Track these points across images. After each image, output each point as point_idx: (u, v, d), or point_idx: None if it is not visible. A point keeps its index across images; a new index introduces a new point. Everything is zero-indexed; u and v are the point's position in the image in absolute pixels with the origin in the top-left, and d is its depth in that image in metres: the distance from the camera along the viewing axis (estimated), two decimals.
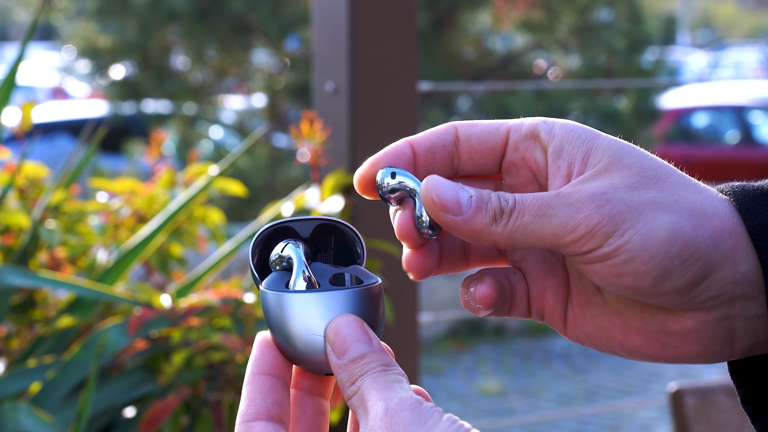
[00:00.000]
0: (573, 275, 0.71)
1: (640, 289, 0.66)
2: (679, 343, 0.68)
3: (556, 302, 0.71)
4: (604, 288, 0.68)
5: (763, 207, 0.66)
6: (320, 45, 2.05)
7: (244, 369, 1.79)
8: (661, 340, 0.69)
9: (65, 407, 1.76)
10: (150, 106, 9.39)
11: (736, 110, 11.44)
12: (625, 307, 0.69)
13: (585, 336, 0.71)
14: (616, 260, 0.65)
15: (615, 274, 0.65)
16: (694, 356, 0.69)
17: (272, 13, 8.58)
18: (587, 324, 0.70)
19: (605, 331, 0.70)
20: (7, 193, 1.95)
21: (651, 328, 0.69)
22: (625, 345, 0.69)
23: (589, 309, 0.70)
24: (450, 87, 5.56)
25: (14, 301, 1.90)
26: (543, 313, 0.72)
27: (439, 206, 0.66)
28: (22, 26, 20.13)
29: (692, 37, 31.93)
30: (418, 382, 2.09)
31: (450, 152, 0.70)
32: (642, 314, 0.69)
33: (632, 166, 0.67)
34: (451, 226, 0.66)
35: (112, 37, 9.14)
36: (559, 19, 9.27)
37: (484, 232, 0.66)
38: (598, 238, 0.65)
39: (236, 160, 2.01)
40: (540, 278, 0.71)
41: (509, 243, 0.66)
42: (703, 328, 0.68)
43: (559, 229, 0.65)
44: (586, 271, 0.67)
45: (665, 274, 0.65)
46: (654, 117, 9.80)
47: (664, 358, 0.69)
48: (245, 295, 1.82)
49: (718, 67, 23.89)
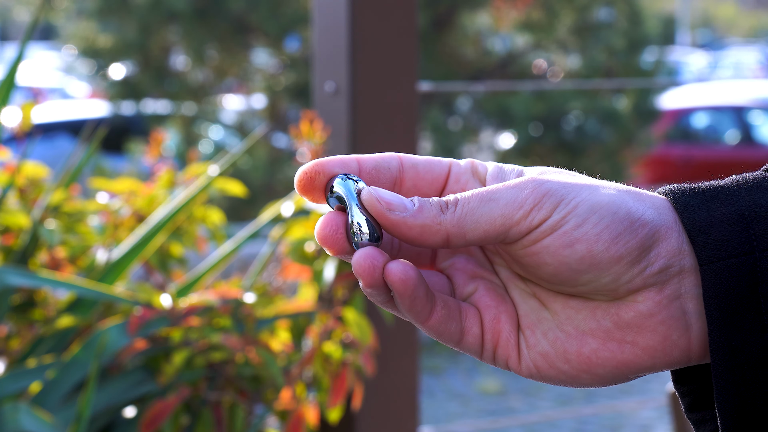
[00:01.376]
0: (517, 298, 0.72)
1: (594, 256, 0.66)
2: (635, 336, 0.68)
3: (511, 327, 0.71)
4: (556, 273, 0.68)
5: (701, 204, 0.68)
6: (320, 45, 2.05)
7: (244, 369, 1.79)
8: (617, 337, 0.69)
9: (65, 407, 1.76)
10: (150, 106, 9.39)
11: (736, 110, 11.44)
12: (576, 311, 0.69)
13: (539, 357, 0.70)
14: (566, 227, 0.67)
15: (567, 243, 0.67)
16: (652, 351, 0.68)
17: (272, 13, 8.58)
18: (540, 343, 0.70)
19: (560, 344, 0.70)
20: (7, 193, 1.95)
21: (604, 325, 0.69)
22: (582, 352, 0.69)
23: (540, 326, 0.71)
24: (450, 87, 5.56)
25: (14, 301, 1.90)
26: (497, 343, 0.71)
27: (385, 205, 0.67)
28: (22, 26, 20.14)
29: (692, 37, 31.92)
30: (417, 381, 2.09)
31: (394, 176, 0.71)
32: (594, 314, 0.69)
33: (569, 173, 0.71)
34: (399, 223, 0.67)
35: (112, 36, 9.14)
36: (559, 19, 9.27)
37: (434, 223, 0.67)
38: (546, 208, 0.67)
39: (236, 160, 2.01)
40: (493, 304, 0.72)
41: (460, 231, 0.67)
42: (657, 309, 0.68)
43: (507, 207, 0.67)
44: (536, 253, 0.67)
45: (616, 236, 0.66)
46: (654, 117, 9.79)
47: (622, 363, 0.69)
48: (245, 295, 1.82)
49: (717, 67, 23.89)
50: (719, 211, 0.67)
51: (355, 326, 1.78)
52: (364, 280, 0.68)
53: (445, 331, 0.70)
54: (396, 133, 2.03)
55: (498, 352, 0.71)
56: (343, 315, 1.81)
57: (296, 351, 1.87)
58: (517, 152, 9.30)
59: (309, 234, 1.91)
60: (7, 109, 1.97)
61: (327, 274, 1.87)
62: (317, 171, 0.69)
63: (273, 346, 1.83)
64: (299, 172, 0.70)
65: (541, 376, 0.71)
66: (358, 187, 0.69)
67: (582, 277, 0.68)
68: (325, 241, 0.69)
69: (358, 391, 1.86)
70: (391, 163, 0.71)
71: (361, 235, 0.68)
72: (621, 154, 9.20)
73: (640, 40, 9.49)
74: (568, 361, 0.70)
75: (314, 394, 1.85)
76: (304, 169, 0.70)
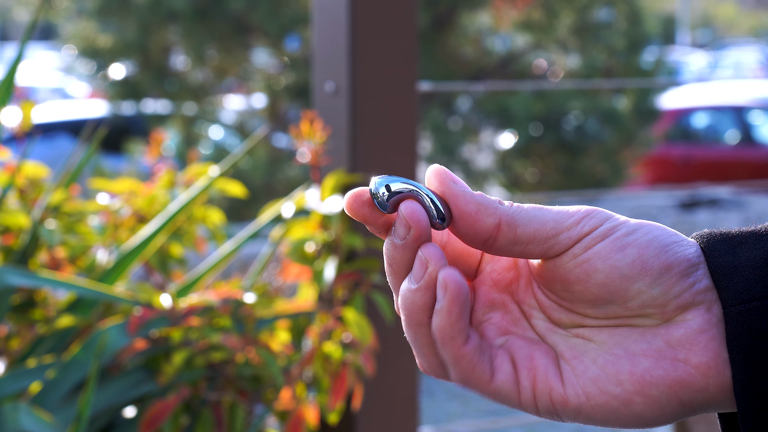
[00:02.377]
0: (558, 341, 0.71)
1: (645, 261, 0.67)
2: (687, 353, 0.68)
3: (548, 360, 0.70)
4: (606, 281, 0.68)
5: (727, 249, 0.68)
6: (320, 45, 2.05)
7: (244, 369, 1.79)
8: (669, 356, 0.68)
9: (65, 407, 1.76)
10: (150, 106, 9.39)
11: (736, 110, 11.43)
12: (623, 336, 0.69)
13: (590, 382, 0.69)
14: (618, 233, 0.68)
15: (619, 247, 0.68)
16: (705, 368, 0.67)
17: (272, 13, 8.57)
18: (589, 369, 0.69)
19: (611, 366, 0.69)
20: (7, 193, 1.95)
21: (656, 345, 0.69)
22: (634, 371, 0.68)
23: (588, 354, 0.70)
24: (450, 87, 5.56)
25: (14, 301, 1.90)
26: (535, 378, 0.70)
27: (453, 179, 0.69)
28: (22, 26, 20.13)
29: (692, 37, 31.91)
30: (417, 381, 2.09)
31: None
32: (643, 336, 0.69)
33: None
34: (460, 195, 0.69)
35: (112, 36, 9.13)
36: (559, 19, 9.27)
37: (491, 206, 0.69)
38: (596, 218, 0.69)
39: (237, 161, 2.01)
40: (525, 345, 0.71)
41: (512, 221, 0.69)
42: (708, 326, 0.68)
43: (559, 215, 0.69)
44: (587, 260, 0.68)
45: (666, 246, 0.68)
46: (654, 117, 9.79)
47: (676, 382, 0.68)
48: (245, 295, 1.82)
49: (717, 67, 23.89)
50: (745, 255, 0.68)
51: (355, 326, 1.78)
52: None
53: (477, 365, 0.68)
54: (396, 133, 2.03)
55: (538, 387, 0.70)
56: (343, 315, 1.81)
57: (296, 351, 1.87)
58: (517, 152, 9.30)
59: (309, 234, 1.91)
60: (7, 109, 1.97)
61: (327, 274, 1.87)
62: (361, 191, 0.70)
63: (273, 346, 1.83)
64: (351, 193, 0.71)
65: (591, 405, 0.69)
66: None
67: (633, 285, 0.68)
68: (419, 228, 0.69)
69: (358, 391, 1.86)
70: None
71: (434, 210, 0.69)
72: (621, 154, 9.20)
73: (640, 40, 9.48)
74: (621, 383, 0.68)
75: (314, 394, 1.85)
76: (356, 191, 0.71)
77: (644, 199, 8.56)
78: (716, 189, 8.32)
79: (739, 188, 8.66)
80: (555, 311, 0.71)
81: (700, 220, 7.66)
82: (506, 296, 0.73)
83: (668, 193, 8.47)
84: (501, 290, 0.73)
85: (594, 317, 0.70)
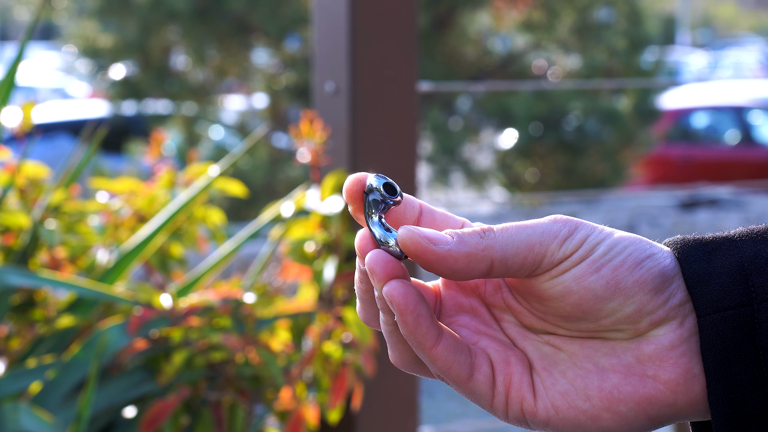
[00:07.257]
0: (529, 348, 0.71)
1: (619, 281, 0.67)
2: (656, 369, 0.67)
3: (522, 369, 0.70)
4: (580, 302, 0.68)
5: (702, 256, 0.68)
6: (320, 45, 2.05)
7: (244, 369, 1.79)
8: (639, 372, 0.68)
9: (65, 407, 1.76)
10: (150, 106, 9.39)
11: (736, 110, 11.43)
12: (594, 350, 0.69)
13: (558, 396, 0.69)
14: (595, 254, 0.67)
15: (595, 269, 0.67)
16: (674, 384, 0.67)
17: (272, 13, 8.57)
18: (558, 382, 0.69)
19: (579, 380, 0.69)
20: (7, 193, 1.95)
21: (626, 360, 0.68)
22: (603, 387, 0.68)
23: (558, 366, 0.70)
24: (450, 87, 5.56)
25: (14, 301, 1.90)
26: (510, 385, 0.70)
27: (431, 240, 0.67)
28: (22, 26, 20.13)
29: (692, 37, 31.91)
30: (417, 381, 2.09)
31: (416, 217, 0.73)
32: (614, 350, 0.69)
33: None
34: (445, 256, 0.67)
35: (112, 36, 9.13)
36: (559, 20, 9.27)
37: (478, 250, 0.67)
38: (578, 238, 0.68)
39: (237, 161, 2.01)
40: (501, 349, 0.71)
41: (503, 256, 0.67)
42: (678, 342, 0.67)
43: (544, 236, 0.68)
44: (563, 282, 0.68)
45: (639, 261, 0.67)
46: (654, 117, 9.79)
47: (645, 398, 0.68)
48: (245, 295, 1.82)
49: (717, 67, 23.88)
50: (719, 262, 0.67)
51: (355, 326, 1.78)
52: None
53: (454, 363, 0.69)
54: (396, 133, 2.03)
55: (511, 394, 0.70)
56: (343, 315, 1.81)
57: (296, 351, 1.87)
58: (518, 152, 9.30)
59: (309, 234, 1.91)
60: (7, 109, 1.97)
61: (327, 274, 1.87)
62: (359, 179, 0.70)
63: (273, 346, 1.83)
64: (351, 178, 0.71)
65: (559, 418, 0.69)
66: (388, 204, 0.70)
67: (607, 305, 0.67)
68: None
69: (358, 391, 1.86)
70: (414, 204, 0.72)
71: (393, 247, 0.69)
72: (621, 154, 9.20)
73: (640, 40, 9.49)
74: (589, 398, 0.69)
75: (314, 394, 1.85)
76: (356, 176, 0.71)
77: (644, 199, 8.56)
78: (716, 189, 8.32)
79: (739, 188, 8.66)
80: (526, 317, 0.72)
81: (700, 220, 7.66)
82: (474, 299, 0.73)
83: (668, 193, 8.47)
84: (468, 294, 0.73)
85: (566, 328, 0.70)
